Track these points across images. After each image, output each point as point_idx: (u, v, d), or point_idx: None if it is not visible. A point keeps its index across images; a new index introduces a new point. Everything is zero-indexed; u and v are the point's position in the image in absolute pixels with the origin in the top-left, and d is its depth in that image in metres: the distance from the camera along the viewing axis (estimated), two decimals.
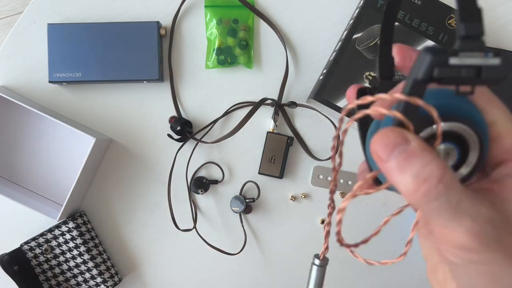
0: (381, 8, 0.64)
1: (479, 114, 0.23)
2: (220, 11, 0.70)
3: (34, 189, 0.71)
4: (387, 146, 0.21)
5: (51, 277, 0.67)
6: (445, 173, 0.20)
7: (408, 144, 0.21)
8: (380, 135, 0.22)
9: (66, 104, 0.70)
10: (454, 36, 0.64)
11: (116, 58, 0.67)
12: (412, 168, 0.21)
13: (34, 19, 0.70)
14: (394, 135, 0.21)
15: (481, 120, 0.23)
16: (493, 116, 0.24)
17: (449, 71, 0.20)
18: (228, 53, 0.69)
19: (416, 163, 0.20)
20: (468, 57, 0.20)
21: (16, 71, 0.70)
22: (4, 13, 1.49)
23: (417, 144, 0.21)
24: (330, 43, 0.70)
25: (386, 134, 0.21)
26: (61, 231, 0.67)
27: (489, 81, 0.20)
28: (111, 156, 0.71)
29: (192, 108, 0.70)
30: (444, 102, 0.22)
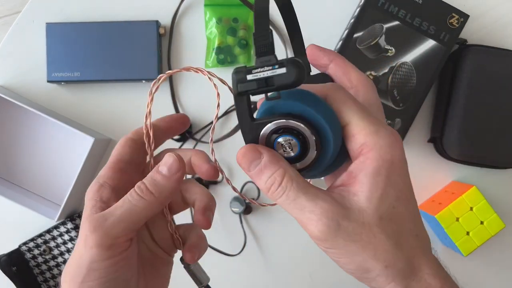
0: (381, 7, 0.64)
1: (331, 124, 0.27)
2: (219, 10, 0.69)
3: (32, 189, 0.70)
4: (247, 161, 0.28)
5: (50, 278, 0.67)
6: (285, 177, 0.27)
7: (260, 159, 0.28)
8: (241, 153, 0.28)
9: (64, 103, 0.70)
10: (455, 35, 0.64)
11: (115, 57, 0.67)
12: (263, 176, 0.28)
13: (33, 18, 0.70)
14: (251, 153, 0.28)
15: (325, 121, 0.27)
16: (347, 117, 0.28)
17: (248, 85, 0.26)
18: (228, 53, 0.69)
19: (266, 173, 0.28)
20: (259, 72, 0.25)
21: (15, 70, 0.70)
22: (3, 12, 1.49)
23: (267, 158, 0.28)
24: (330, 43, 0.70)
25: (245, 152, 0.28)
26: (60, 232, 0.67)
27: (284, 87, 0.25)
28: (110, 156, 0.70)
29: (192, 108, 0.70)
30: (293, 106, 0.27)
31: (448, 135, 0.64)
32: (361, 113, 0.27)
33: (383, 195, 0.26)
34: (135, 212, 0.29)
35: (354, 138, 0.27)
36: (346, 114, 0.28)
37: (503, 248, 0.69)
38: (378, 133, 0.27)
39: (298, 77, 0.25)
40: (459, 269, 0.69)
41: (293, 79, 0.25)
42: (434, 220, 0.63)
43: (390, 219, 0.27)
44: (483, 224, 0.62)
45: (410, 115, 0.64)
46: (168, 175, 0.30)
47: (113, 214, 0.29)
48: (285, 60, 0.25)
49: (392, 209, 0.27)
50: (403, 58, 0.64)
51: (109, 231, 0.29)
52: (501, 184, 0.69)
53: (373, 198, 0.26)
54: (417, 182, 0.70)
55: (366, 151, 0.27)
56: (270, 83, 0.25)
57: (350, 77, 0.32)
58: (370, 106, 0.30)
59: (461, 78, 0.64)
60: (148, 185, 0.30)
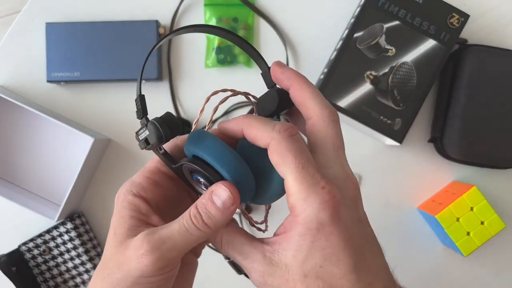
0: (382, 7, 0.64)
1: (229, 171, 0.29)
2: (219, 9, 0.69)
3: (31, 189, 0.70)
4: None
5: (50, 278, 0.67)
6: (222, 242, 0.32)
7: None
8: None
9: (64, 103, 0.70)
10: (455, 35, 0.64)
11: (115, 57, 0.67)
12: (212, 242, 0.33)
13: (33, 18, 0.69)
14: None
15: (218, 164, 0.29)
16: (282, 174, 0.28)
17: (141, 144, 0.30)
18: (228, 52, 0.68)
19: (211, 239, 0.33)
20: (140, 134, 0.30)
21: (14, 70, 0.70)
22: (3, 12, 1.48)
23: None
24: (330, 42, 0.70)
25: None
26: (59, 232, 0.66)
27: (155, 142, 0.29)
28: (110, 156, 0.70)
29: (192, 107, 0.70)
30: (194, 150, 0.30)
31: (448, 135, 0.64)
32: (294, 174, 0.27)
33: (308, 256, 0.27)
34: (191, 241, 0.30)
35: (288, 197, 0.28)
36: (282, 171, 0.28)
37: (503, 248, 0.69)
38: (307, 200, 0.27)
39: (159, 137, 0.28)
40: (459, 269, 0.69)
41: (155, 140, 0.29)
42: (434, 220, 0.63)
43: (316, 277, 0.27)
44: (483, 224, 0.62)
45: (410, 115, 0.64)
46: (222, 208, 0.29)
47: (171, 239, 0.29)
48: (148, 122, 0.29)
49: (318, 268, 0.27)
50: (403, 58, 0.64)
51: (166, 255, 0.29)
52: (501, 184, 0.69)
53: (298, 257, 0.28)
54: (417, 182, 0.70)
55: (295, 215, 0.28)
56: (148, 142, 0.30)
57: (307, 107, 0.30)
58: (323, 143, 0.30)
59: (461, 78, 0.64)
60: (204, 218, 0.29)
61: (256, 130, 0.29)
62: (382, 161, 0.69)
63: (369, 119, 0.64)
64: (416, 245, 0.70)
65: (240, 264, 0.31)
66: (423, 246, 0.69)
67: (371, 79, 0.64)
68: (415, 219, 0.70)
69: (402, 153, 0.70)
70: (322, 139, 0.30)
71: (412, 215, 0.70)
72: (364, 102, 0.64)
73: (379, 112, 0.64)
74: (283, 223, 0.30)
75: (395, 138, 0.64)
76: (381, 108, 0.64)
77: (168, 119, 0.29)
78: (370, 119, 0.64)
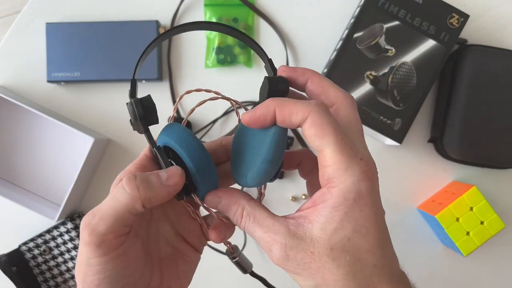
0: (382, 7, 0.64)
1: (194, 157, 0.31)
2: (219, 9, 0.69)
3: (32, 189, 0.70)
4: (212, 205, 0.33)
5: (50, 278, 0.67)
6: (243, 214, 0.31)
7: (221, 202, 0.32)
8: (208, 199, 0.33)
9: (64, 103, 0.70)
10: (455, 35, 0.64)
11: (115, 57, 0.67)
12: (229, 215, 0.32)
13: (33, 18, 0.70)
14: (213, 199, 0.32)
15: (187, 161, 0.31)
16: (321, 145, 0.28)
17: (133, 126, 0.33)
18: (228, 52, 0.69)
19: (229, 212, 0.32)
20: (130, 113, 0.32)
21: (14, 70, 0.70)
22: (3, 12, 1.48)
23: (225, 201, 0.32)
24: (330, 42, 0.70)
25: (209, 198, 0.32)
26: (60, 232, 0.66)
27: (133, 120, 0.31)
28: (110, 156, 0.70)
29: (191, 107, 0.70)
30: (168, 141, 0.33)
31: (448, 135, 0.64)
32: (335, 145, 0.27)
33: (338, 228, 0.27)
34: (118, 208, 0.28)
35: (324, 169, 0.28)
36: (321, 143, 0.28)
37: (503, 248, 0.69)
38: (347, 170, 0.27)
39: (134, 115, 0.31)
40: (459, 269, 0.70)
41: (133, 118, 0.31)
42: (434, 220, 0.63)
43: (343, 250, 0.27)
44: (483, 224, 0.62)
45: (410, 115, 0.64)
46: (164, 181, 0.30)
47: (100, 210, 0.29)
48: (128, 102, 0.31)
49: (346, 241, 0.27)
50: (403, 58, 0.64)
51: (95, 229, 0.28)
52: (501, 184, 0.69)
53: (326, 229, 0.27)
54: (417, 182, 0.70)
55: (331, 186, 0.28)
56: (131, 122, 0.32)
57: (329, 95, 0.31)
58: (349, 126, 0.30)
59: (461, 78, 0.64)
60: (138, 180, 0.29)
61: (291, 106, 0.28)
62: (382, 161, 0.69)
63: (369, 119, 0.64)
64: (416, 245, 0.70)
65: (260, 238, 0.29)
66: (423, 246, 0.69)
67: (371, 79, 0.64)
68: (415, 219, 0.70)
69: (402, 153, 0.70)
70: (348, 122, 0.30)
71: (412, 215, 0.70)
72: (364, 102, 0.64)
73: (379, 112, 0.64)
74: (311, 198, 0.29)
75: (395, 138, 0.64)
76: (381, 108, 0.64)
77: (145, 100, 0.31)
78: (370, 119, 0.64)
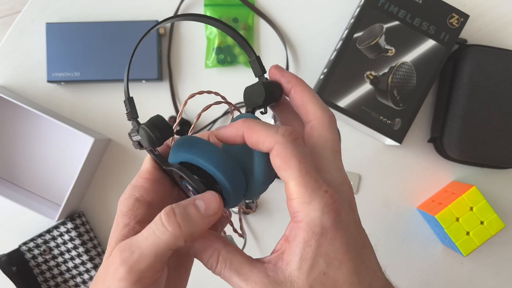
0: (382, 7, 0.64)
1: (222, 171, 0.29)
2: (219, 9, 0.69)
3: (32, 189, 0.70)
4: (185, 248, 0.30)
5: (50, 278, 0.67)
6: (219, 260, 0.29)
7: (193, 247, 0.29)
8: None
9: (64, 103, 0.70)
10: (455, 35, 0.64)
11: (115, 57, 0.67)
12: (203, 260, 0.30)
13: (33, 18, 0.70)
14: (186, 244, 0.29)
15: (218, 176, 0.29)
16: (285, 178, 0.27)
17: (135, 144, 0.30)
18: (228, 52, 0.69)
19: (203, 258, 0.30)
20: (134, 136, 0.29)
21: (14, 70, 0.70)
22: (3, 12, 1.48)
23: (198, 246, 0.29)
24: (330, 42, 0.70)
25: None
26: (60, 232, 0.66)
27: (145, 143, 0.28)
28: (110, 156, 0.70)
29: (192, 108, 0.70)
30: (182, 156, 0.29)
31: (448, 135, 0.64)
32: (298, 178, 0.27)
33: (313, 265, 0.27)
34: (159, 247, 0.27)
35: (290, 201, 0.28)
36: (285, 175, 0.27)
37: (503, 248, 0.69)
38: (311, 204, 0.27)
39: (151, 141, 0.27)
40: (459, 269, 0.70)
41: (147, 143, 0.28)
42: (434, 220, 0.63)
43: (321, 286, 0.27)
44: (483, 224, 0.62)
45: (410, 115, 0.64)
46: (204, 213, 0.27)
47: (140, 247, 0.27)
48: (140, 126, 0.28)
49: (322, 276, 0.27)
50: (403, 58, 0.64)
51: (135, 266, 0.27)
52: (501, 184, 0.69)
53: (303, 268, 0.27)
54: (417, 182, 0.70)
55: (297, 220, 0.27)
56: (141, 145, 0.29)
57: (307, 110, 0.30)
58: (323, 146, 0.29)
59: (461, 78, 0.64)
60: (178, 216, 0.27)
61: (258, 134, 0.28)
62: (382, 161, 0.69)
63: (369, 119, 0.64)
64: (416, 245, 0.70)
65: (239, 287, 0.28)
66: (423, 246, 0.69)
67: (371, 79, 0.64)
68: (415, 219, 0.70)
69: (402, 153, 0.70)
70: (322, 142, 0.29)
71: (412, 215, 0.70)
72: (364, 102, 0.64)
73: (379, 112, 0.64)
74: (284, 235, 0.29)
75: (395, 138, 0.64)
76: (381, 108, 0.64)
77: (159, 122, 0.28)
78: (370, 119, 0.64)
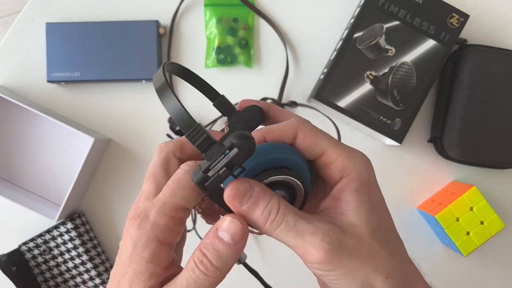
0: (382, 7, 0.64)
1: (303, 162, 0.29)
2: (219, 9, 0.69)
3: (32, 189, 0.70)
4: (239, 196, 0.26)
5: (50, 278, 0.67)
6: (281, 204, 0.27)
7: (252, 190, 0.26)
8: (231, 188, 0.26)
9: (64, 103, 0.70)
10: (455, 35, 0.64)
11: (115, 57, 0.67)
12: (259, 208, 0.26)
13: (33, 18, 0.70)
14: (242, 186, 0.26)
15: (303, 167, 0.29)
16: (322, 146, 0.29)
17: (215, 180, 0.25)
18: (228, 52, 0.68)
19: (261, 204, 0.26)
20: (216, 165, 0.25)
21: (14, 70, 0.70)
22: (3, 12, 1.48)
23: (260, 188, 0.27)
24: (330, 42, 0.70)
25: (235, 185, 0.26)
26: (60, 232, 0.66)
27: (244, 160, 0.25)
28: (110, 156, 0.70)
29: (192, 107, 0.70)
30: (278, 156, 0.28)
31: (448, 135, 0.64)
32: (333, 141, 0.29)
33: (370, 209, 0.27)
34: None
35: (334, 164, 0.28)
36: (321, 143, 0.29)
37: (503, 248, 0.69)
38: (352, 156, 0.29)
39: (251, 146, 0.25)
40: (459, 269, 0.70)
41: (247, 151, 0.25)
42: (434, 220, 0.63)
43: (380, 230, 0.27)
44: (483, 224, 0.62)
45: (410, 115, 0.64)
46: (232, 244, 0.26)
47: None
48: (230, 138, 0.25)
49: (379, 221, 0.28)
50: (403, 58, 0.64)
51: None
52: (501, 184, 0.69)
53: (362, 213, 0.27)
54: (417, 182, 0.70)
55: (347, 173, 0.28)
56: (231, 166, 0.25)
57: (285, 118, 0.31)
58: None
59: (461, 78, 0.64)
60: (212, 260, 0.26)
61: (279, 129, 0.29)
62: (382, 161, 0.69)
63: (369, 119, 0.64)
64: (416, 245, 0.70)
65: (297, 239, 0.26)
66: (423, 246, 0.69)
67: (371, 79, 0.64)
68: (415, 219, 0.70)
69: (402, 153, 0.70)
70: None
71: (412, 215, 0.70)
72: (364, 102, 0.64)
73: (379, 112, 0.64)
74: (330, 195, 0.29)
75: (395, 138, 0.64)
76: (381, 108, 0.64)
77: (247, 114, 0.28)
78: (370, 119, 0.64)
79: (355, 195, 0.27)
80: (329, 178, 0.29)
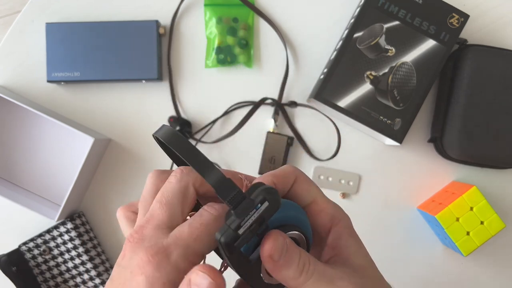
0: (382, 6, 0.64)
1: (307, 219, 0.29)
2: (219, 9, 0.69)
3: (32, 189, 0.70)
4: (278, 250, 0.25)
5: (50, 278, 0.67)
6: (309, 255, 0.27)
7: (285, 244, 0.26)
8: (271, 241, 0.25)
9: (64, 103, 0.70)
10: (455, 35, 0.64)
11: (115, 57, 0.67)
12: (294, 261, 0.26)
13: (33, 18, 0.70)
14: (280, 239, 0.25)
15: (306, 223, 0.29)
16: (313, 193, 0.30)
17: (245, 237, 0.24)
18: (228, 52, 0.68)
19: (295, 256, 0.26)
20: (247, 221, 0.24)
21: (14, 70, 0.70)
22: (2, 12, 1.48)
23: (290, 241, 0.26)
24: (330, 42, 0.70)
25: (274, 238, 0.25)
26: (60, 232, 0.66)
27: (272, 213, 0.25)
28: (110, 156, 0.70)
29: (192, 107, 0.70)
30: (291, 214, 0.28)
31: (448, 135, 0.64)
32: (319, 190, 0.31)
33: (365, 250, 0.30)
34: None
35: (323, 212, 0.30)
36: (313, 192, 0.30)
37: (503, 248, 0.69)
38: (336, 206, 0.31)
39: (279, 200, 0.25)
40: (459, 269, 0.70)
41: (277, 204, 0.25)
42: (434, 220, 0.63)
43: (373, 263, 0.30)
44: (483, 224, 0.62)
45: (410, 115, 0.64)
46: None
47: None
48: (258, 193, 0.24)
49: (370, 257, 0.30)
50: (403, 58, 0.64)
51: None
52: (501, 184, 0.69)
53: (363, 255, 0.30)
54: (417, 182, 0.70)
55: (337, 222, 0.30)
56: (261, 221, 0.24)
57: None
58: None
59: (461, 78, 0.64)
60: None
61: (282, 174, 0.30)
62: (382, 161, 0.69)
63: (369, 119, 0.64)
64: (416, 245, 0.70)
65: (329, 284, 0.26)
66: (423, 246, 0.69)
67: (371, 79, 0.64)
68: (415, 219, 0.70)
69: (402, 153, 0.70)
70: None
71: (412, 215, 0.70)
72: (364, 102, 0.64)
73: (379, 112, 0.64)
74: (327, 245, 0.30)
75: (395, 138, 0.64)
76: (381, 108, 0.64)
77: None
78: (370, 119, 0.64)
79: (352, 240, 0.30)
80: (319, 226, 0.31)
